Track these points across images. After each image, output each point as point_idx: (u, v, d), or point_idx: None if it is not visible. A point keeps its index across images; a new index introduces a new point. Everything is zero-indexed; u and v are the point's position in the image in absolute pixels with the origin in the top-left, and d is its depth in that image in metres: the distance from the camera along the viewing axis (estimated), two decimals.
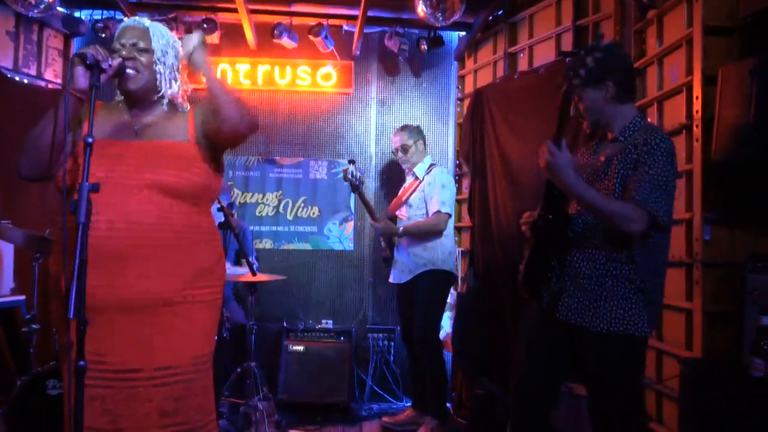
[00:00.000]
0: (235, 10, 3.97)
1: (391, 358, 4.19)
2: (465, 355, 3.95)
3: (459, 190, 4.55)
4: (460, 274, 4.35)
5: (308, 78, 4.52)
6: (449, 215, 3.58)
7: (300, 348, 3.98)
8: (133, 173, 1.62)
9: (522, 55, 4.00)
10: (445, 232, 3.61)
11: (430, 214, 3.55)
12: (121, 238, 1.58)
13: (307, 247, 4.50)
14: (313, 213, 4.51)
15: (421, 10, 3.72)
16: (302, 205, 4.51)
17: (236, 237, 3.15)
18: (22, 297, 3.40)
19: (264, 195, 4.48)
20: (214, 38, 4.21)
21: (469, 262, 4.19)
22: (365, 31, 4.31)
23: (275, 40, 4.17)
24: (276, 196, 4.49)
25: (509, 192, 3.78)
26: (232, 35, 4.34)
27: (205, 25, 4.11)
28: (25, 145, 1.71)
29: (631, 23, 3.14)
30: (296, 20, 4.25)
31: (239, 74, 4.46)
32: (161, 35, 1.76)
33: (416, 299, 3.52)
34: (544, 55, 3.77)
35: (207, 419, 1.72)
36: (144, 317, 1.62)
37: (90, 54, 1.55)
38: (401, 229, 3.59)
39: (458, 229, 4.54)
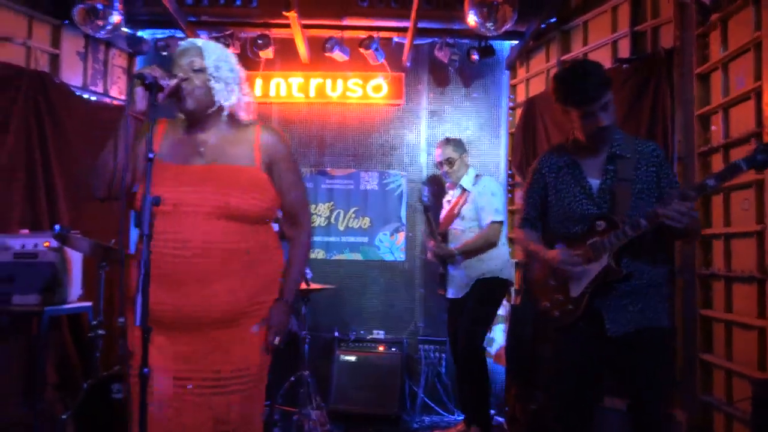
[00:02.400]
0: (288, 26, 4.07)
1: (443, 370, 4.15)
2: (518, 369, 3.86)
3: (512, 201, 4.48)
4: (514, 287, 4.28)
5: (359, 90, 4.57)
6: (502, 222, 3.51)
7: (352, 358, 3.99)
8: (201, 197, 1.65)
9: None
10: (501, 241, 3.53)
11: (485, 224, 3.45)
12: (191, 259, 1.63)
13: (358, 257, 4.53)
14: (365, 224, 4.54)
15: (472, 20, 3.70)
16: (353, 215, 4.55)
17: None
18: (89, 303, 3.56)
19: (316, 206, 4.55)
20: (268, 53, 4.33)
21: (523, 274, 4.11)
22: (415, 42, 4.33)
23: (327, 54, 4.25)
24: (328, 207, 4.55)
25: None
26: (286, 50, 4.45)
27: (259, 41, 4.23)
28: (95, 168, 1.75)
29: (693, 28, 3.03)
30: (347, 33, 4.32)
31: (292, 87, 4.56)
32: (212, 51, 1.77)
33: (467, 305, 3.43)
34: (599, 61, 3.67)
35: (258, 427, 1.77)
36: (211, 331, 1.68)
37: (148, 74, 1.60)
38: (455, 250, 3.46)
39: (511, 240, 4.46)
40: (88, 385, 2.80)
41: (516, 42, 4.40)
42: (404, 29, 4.21)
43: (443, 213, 3.72)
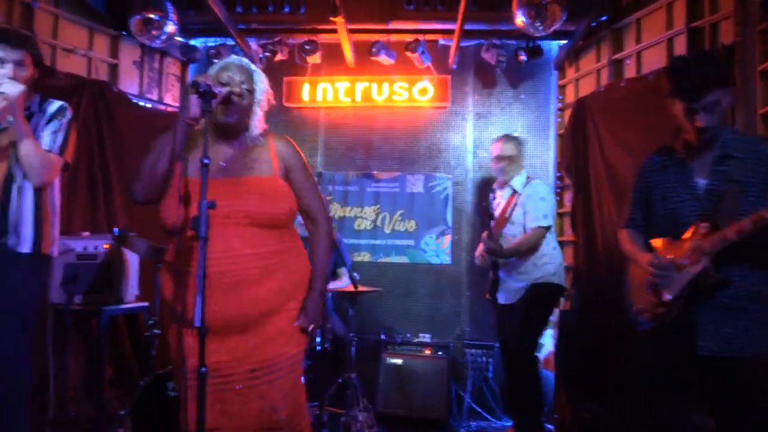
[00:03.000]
0: (335, 31, 4.12)
1: (490, 375, 4.09)
2: (568, 376, 3.78)
3: (561, 204, 4.39)
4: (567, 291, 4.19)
5: (405, 93, 4.58)
6: (548, 228, 3.37)
7: (398, 361, 3.99)
8: (231, 209, 1.73)
9: (629, 61, 3.81)
10: (552, 245, 3.41)
11: (528, 228, 3.34)
12: (227, 267, 1.72)
13: (405, 260, 4.53)
14: (410, 226, 4.54)
15: (520, 20, 3.65)
16: (399, 218, 4.55)
17: (335, 250, 3.23)
18: (145, 304, 3.69)
19: (362, 209, 4.58)
20: (315, 58, 4.39)
21: (573, 278, 4.02)
22: (461, 44, 4.30)
23: (373, 58, 4.27)
24: (374, 210, 4.57)
25: (616, 205, 3.60)
26: (332, 55, 4.50)
27: (307, 47, 4.30)
28: (141, 172, 1.84)
29: (755, 23, 2.90)
30: (393, 37, 4.34)
31: (339, 92, 4.61)
32: (262, 80, 1.91)
33: (519, 309, 3.34)
34: (654, 60, 3.57)
35: (303, 410, 1.86)
36: (255, 328, 1.78)
37: (202, 82, 1.69)
38: (503, 250, 3.35)
39: (561, 244, 4.37)
40: (145, 383, 2.89)
41: (565, 42, 4.32)
42: (450, 31, 4.19)
43: (497, 207, 3.60)
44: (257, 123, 1.89)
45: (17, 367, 2.32)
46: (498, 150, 3.53)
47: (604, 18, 3.93)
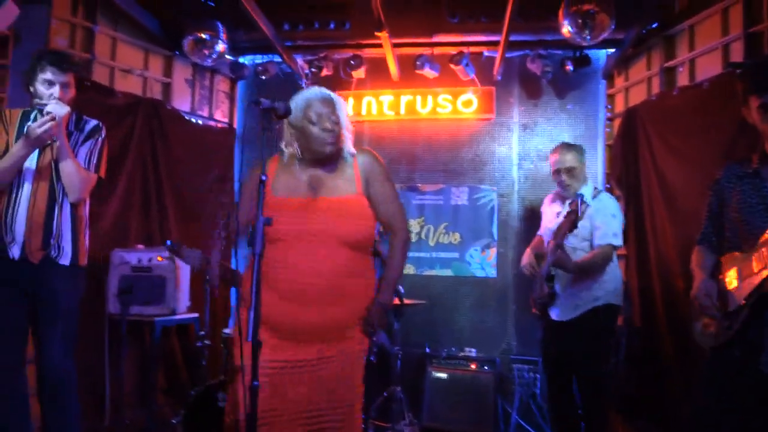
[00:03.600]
0: (379, 45, 4.16)
1: (537, 391, 3.99)
2: (620, 393, 3.66)
3: None
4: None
5: (449, 105, 4.57)
6: (618, 247, 3.14)
7: (443, 375, 3.95)
8: (318, 227, 1.88)
9: (681, 69, 3.70)
10: (615, 263, 3.19)
11: (596, 245, 3.10)
12: (313, 281, 1.86)
13: (449, 273, 4.50)
14: (455, 239, 4.51)
15: (567, 30, 3.60)
16: (444, 231, 4.53)
17: (382, 263, 3.24)
18: (196, 315, 3.79)
19: (407, 221, 4.57)
20: (360, 73, 4.44)
21: (624, 292, 3.90)
22: (506, 55, 4.27)
23: (417, 71, 4.29)
24: (418, 223, 4.56)
25: (669, 218, 3.49)
26: (377, 69, 4.53)
27: (352, 62, 4.36)
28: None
29: None
30: (437, 50, 4.34)
31: (383, 106, 4.65)
32: (342, 104, 2.03)
33: (584, 335, 3.09)
34: (708, 68, 3.45)
35: (358, 403, 1.98)
36: (329, 340, 1.92)
37: (263, 100, 1.76)
38: (572, 264, 3.04)
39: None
40: (196, 393, 2.96)
41: (613, 50, 4.23)
42: (495, 43, 4.17)
43: (551, 223, 3.30)
44: (348, 145, 2.02)
45: (64, 371, 2.43)
46: (556, 163, 3.24)
47: (654, 25, 3.83)
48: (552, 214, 3.31)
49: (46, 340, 2.41)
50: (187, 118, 4.44)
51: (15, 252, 2.37)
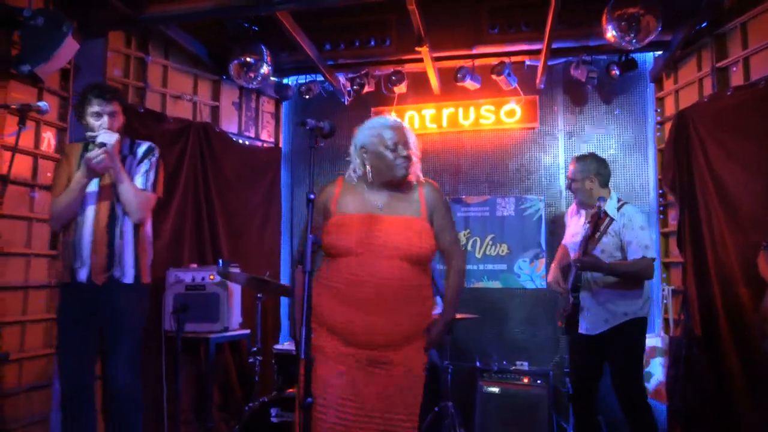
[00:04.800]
0: (420, 60, 4.18)
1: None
2: (683, 408, 3.50)
3: (665, 222, 4.15)
4: (671, 316, 3.92)
5: (492, 116, 4.54)
6: (653, 260, 3.03)
7: (495, 390, 3.88)
8: (383, 243, 1.99)
9: (735, 69, 3.56)
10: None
11: (632, 258, 2.99)
12: (377, 293, 1.97)
13: (497, 285, 4.44)
14: (502, 251, 4.45)
15: (611, 35, 3.53)
16: (490, 242, 4.48)
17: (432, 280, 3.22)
18: (248, 331, 3.87)
19: None
20: (401, 88, 4.47)
21: (682, 302, 3.76)
22: (549, 63, 4.21)
23: (458, 83, 4.29)
24: (464, 235, 4.53)
25: (728, 224, 3.34)
26: (418, 83, 4.56)
27: (393, 77, 4.40)
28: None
29: None
30: (478, 62, 4.33)
31: (425, 119, 4.66)
32: (411, 132, 2.14)
33: (615, 352, 3.03)
34: (764, 66, 3.31)
35: (414, 418, 2.04)
36: (394, 347, 2.01)
37: (309, 120, 1.86)
38: (605, 264, 2.95)
39: (666, 265, 4.12)
40: (250, 408, 3.01)
41: (661, 52, 4.11)
42: (537, 51, 4.12)
43: (573, 235, 3.22)
44: (416, 171, 2.15)
45: (131, 389, 2.53)
46: (573, 172, 3.17)
47: (703, 25, 3.70)
48: (575, 226, 3.26)
49: (114, 359, 2.52)
50: (234, 139, 4.58)
51: (83, 275, 2.49)
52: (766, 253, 2.07)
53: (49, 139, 3.36)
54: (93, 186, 2.55)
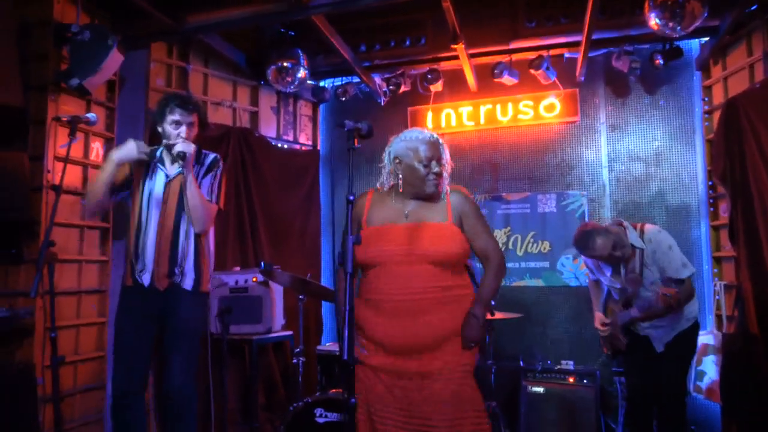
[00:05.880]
0: (456, 57, 4.15)
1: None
2: (739, 408, 3.36)
3: (716, 215, 3.99)
4: (724, 312, 3.77)
5: (530, 111, 4.47)
6: (693, 274, 2.99)
7: (540, 390, 3.81)
8: (409, 250, 2.04)
9: None
10: None
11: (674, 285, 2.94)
12: (409, 298, 2.01)
13: (540, 283, 4.36)
14: (544, 248, 4.37)
15: (654, 23, 3.41)
16: (531, 240, 4.41)
17: (471, 277, 3.19)
18: (290, 332, 3.91)
19: (492, 232, 4.48)
20: (437, 86, 4.45)
21: (736, 297, 3.60)
22: (589, 55, 4.10)
23: (495, 80, 4.23)
24: (504, 233, 4.47)
25: None
26: (454, 81, 4.53)
27: (429, 76, 4.37)
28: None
29: None
30: (515, 56, 4.26)
31: (462, 117, 4.62)
32: (445, 147, 2.17)
33: (672, 353, 3.00)
34: None
35: (481, 409, 2.06)
36: (431, 350, 2.03)
37: (347, 122, 1.87)
38: (661, 311, 2.90)
39: (718, 260, 3.96)
40: (294, 409, 3.04)
41: (707, 38, 3.96)
42: (576, 44, 4.02)
43: (614, 279, 3.10)
44: (445, 184, 2.17)
45: (188, 391, 2.58)
46: (599, 256, 2.98)
47: (754, 7, 3.54)
48: (606, 277, 3.15)
49: (172, 365, 2.57)
50: (273, 143, 4.64)
51: (146, 279, 2.57)
52: None
53: (97, 149, 3.49)
54: (159, 191, 2.62)
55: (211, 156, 2.75)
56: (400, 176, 2.13)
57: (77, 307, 3.33)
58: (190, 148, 2.54)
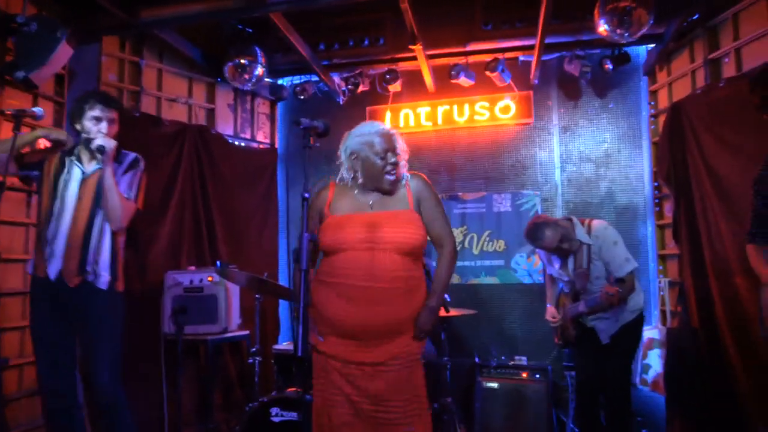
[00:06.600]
0: (414, 58, 4.20)
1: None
2: (683, 399, 3.52)
3: (661, 214, 4.16)
4: (668, 308, 3.94)
5: (486, 113, 4.56)
6: (636, 269, 3.11)
7: (494, 385, 3.89)
8: (375, 237, 2.06)
9: (727, 60, 3.57)
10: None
11: (617, 276, 3.05)
12: (371, 285, 2.04)
13: (495, 281, 4.46)
14: (499, 246, 4.46)
15: (603, 29, 3.54)
16: (487, 239, 4.50)
17: (427, 275, 3.24)
18: (247, 332, 3.87)
19: None
20: (396, 86, 4.48)
21: (679, 294, 3.77)
22: (543, 58, 4.22)
23: (453, 81, 4.30)
24: (461, 232, 4.54)
25: (724, 214, 3.35)
26: (412, 81, 4.57)
27: (388, 76, 4.41)
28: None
29: None
30: (472, 58, 4.35)
31: (420, 117, 4.67)
32: (401, 138, 2.21)
33: (617, 344, 3.11)
34: (756, 56, 3.32)
35: (423, 398, 2.12)
36: (390, 336, 2.08)
37: (303, 120, 1.90)
38: (607, 306, 2.98)
39: (663, 258, 4.13)
40: (251, 408, 3.02)
41: (654, 45, 4.13)
42: (530, 47, 4.13)
43: (563, 272, 3.22)
44: (402, 173, 2.20)
45: (114, 396, 2.51)
46: (547, 247, 3.13)
47: (695, 17, 3.71)
48: (554, 269, 3.29)
49: (93, 367, 2.50)
50: (230, 141, 4.59)
51: (53, 270, 2.48)
52: (754, 245, 2.07)
53: (45, 144, 3.37)
54: (75, 188, 2.55)
55: (132, 155, 2.70)
56: (359, 171, 2.15)
57: (23, 308, 3.21)
58: (111, 143, 2.49)
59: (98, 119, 2.55)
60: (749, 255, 2.09)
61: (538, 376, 3.88)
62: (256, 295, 3.49)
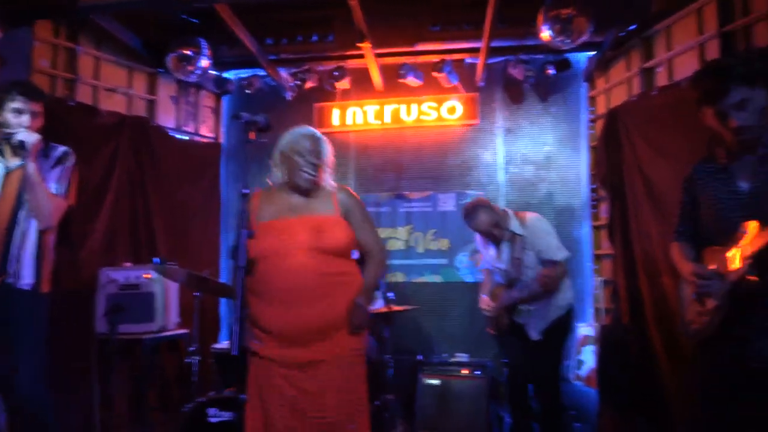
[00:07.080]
0: (362, 56, 4.19)
1: (530, 393, 3.99)
2: (614, 393, 3.67)
3: (597, 216, 4.32)
4: (602, 305, 4.10)
5: (433, 113, 4.61)
6: (567, 260, 3.20)
7: (435, 382, 3.94)
8: (297, 240, 2.08)
9: (660, 69, 3.75)
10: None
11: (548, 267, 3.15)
12: (299, 286, 2.06)
13: (439, 279, 4.52)
14: (443, 245, 4.53)
15: (546, 35, 3.65)
16: (432, 237, 4.55)
17: None
18: (186, 331, 3.77)
19: (395, 229, 4.60)
20: (344, 84, 4.47)
21: (612, 292, 3.93)
22: (488, 61, 4.31)
23: (401, 80, 4.32)
24: (406, 231, 4.58)
25: (654, 217, 3.52)
26: (361, 79, 4.57)
27: (336, 73, 4.38)
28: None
29: None
30: (420, 59, 4.38)
31: (368, 115, 4.68)
32: (326, 144, 2.25)
33: (547, 340, 3.19)
34: (686, 67, 3.50)
35: (363, 396, 2.16)
36: (321, 335, 2.09)
37: (243, 114, 1.89)
38: (537, 292, 3.10)
39: (598, 257, 4.30)
40: (188, 409, 2.94)
41: (593, 53, 4.28)
42: (477, 50, 4.21)
43: (493, 261, 3.32)
44: (328, 180, 2.24)
45: (37, 398, 2.38)
46: (479, 228, 3.22)
47: (633, 27, 3.88)
48: (490, 256, 3.35)
49: (17, 375, 2.35)
50: (172, 134, 4.45)
51: None
52: (678, 243, 2.18)
53: None
54: None
55: (61, 149, 2.56)
56: (285, 172, 2.19)
57: None
58: (32, 138, 2.36)
59: (19, 112, 2.40)
60: (672, 252, 2.19)
61: (478, 372, 3.95)
62: (195, 293, 3.40)
